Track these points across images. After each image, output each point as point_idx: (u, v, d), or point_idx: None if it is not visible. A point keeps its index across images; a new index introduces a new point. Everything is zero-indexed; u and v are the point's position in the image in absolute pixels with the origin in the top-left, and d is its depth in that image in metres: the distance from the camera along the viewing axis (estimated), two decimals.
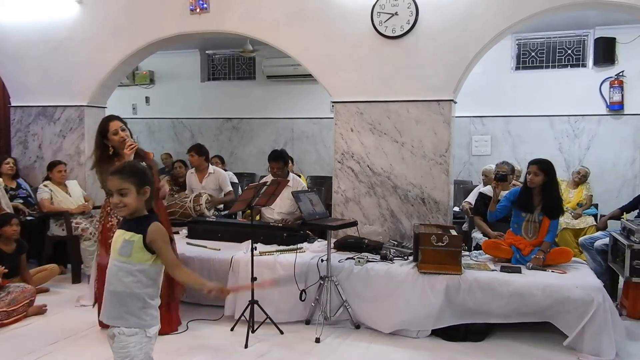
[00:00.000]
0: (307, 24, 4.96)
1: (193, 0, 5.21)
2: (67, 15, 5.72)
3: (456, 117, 4.99)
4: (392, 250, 4.31)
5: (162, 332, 3.81)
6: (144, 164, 2.29)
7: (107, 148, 3.78)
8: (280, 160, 5.03)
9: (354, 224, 4.16)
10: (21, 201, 5.57)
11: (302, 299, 4.00)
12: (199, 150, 5.74)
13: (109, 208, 3.76)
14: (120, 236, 2.31)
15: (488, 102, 7.33)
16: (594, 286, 3.63)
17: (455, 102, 4.79)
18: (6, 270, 4.25)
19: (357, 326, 4.00)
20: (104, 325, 4.02)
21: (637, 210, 5.03)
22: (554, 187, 4.17)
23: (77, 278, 5.24)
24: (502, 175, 4.51)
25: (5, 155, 5.99)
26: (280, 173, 4.98)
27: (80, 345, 3.69)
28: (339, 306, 3.97)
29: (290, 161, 6.01)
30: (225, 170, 6.60)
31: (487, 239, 4.53)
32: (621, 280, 4.56)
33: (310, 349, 3.68)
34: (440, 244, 3.84)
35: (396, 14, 4.67)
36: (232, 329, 3.94)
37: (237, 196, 5.35)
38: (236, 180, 6.72)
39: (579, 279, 3.75)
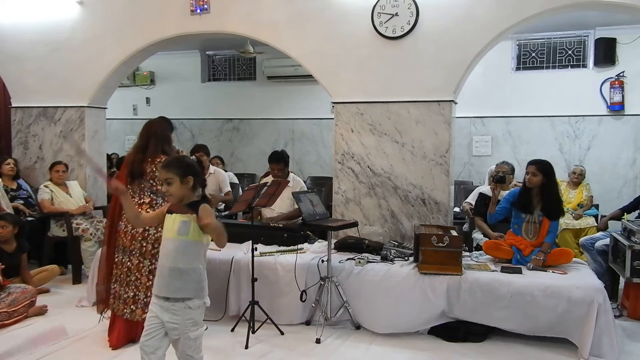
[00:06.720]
0: (308, 25, 4.96)
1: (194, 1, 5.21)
2: (67, 16, 5.73)
3: (456, 117, 4.99)
4: (392, 250, 4.31)
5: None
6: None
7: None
8: (280, 161, 5.02)
9: (354, 224, 4.17)
10: (22, 202, 5.57)
11: (303, 299, 4.00)
12: (207, 150, 5.82)
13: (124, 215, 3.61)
14: (176, 218, 2.63)
15: (488, 103, 7.33)
16: (595, 287, 3.62)
17: (455, 103, 4.79)
18: (3, 267, 4.25)
19: (358, 327, 4.00)
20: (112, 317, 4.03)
21: (638, 211, 5.03)
22: (553, 187, 4.16)
23: (77, 279, 5.24)
24: (500, 177, 4.50)
25: (5, 156, 5.99)
26: (280, 174, 4.98)
27: (81, 346, 3.69)
28: (340, 307, 3.97)
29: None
30: (226, 170, 6.59)
31: (487, 239, 4.53)
32: (622, 280, 4.56)
33: (311, 349, 3.68)
34: (440, 244, 3.84)
35: (396, 14, 4.67)
36: (232, 330, 3.94)
37: (238, 197, 5.35)
38: (237, 181, 6.71)
39: (580, 280, 3.74)
